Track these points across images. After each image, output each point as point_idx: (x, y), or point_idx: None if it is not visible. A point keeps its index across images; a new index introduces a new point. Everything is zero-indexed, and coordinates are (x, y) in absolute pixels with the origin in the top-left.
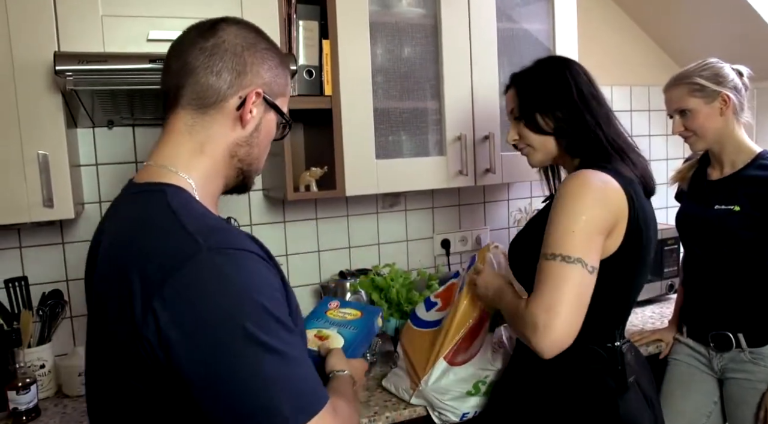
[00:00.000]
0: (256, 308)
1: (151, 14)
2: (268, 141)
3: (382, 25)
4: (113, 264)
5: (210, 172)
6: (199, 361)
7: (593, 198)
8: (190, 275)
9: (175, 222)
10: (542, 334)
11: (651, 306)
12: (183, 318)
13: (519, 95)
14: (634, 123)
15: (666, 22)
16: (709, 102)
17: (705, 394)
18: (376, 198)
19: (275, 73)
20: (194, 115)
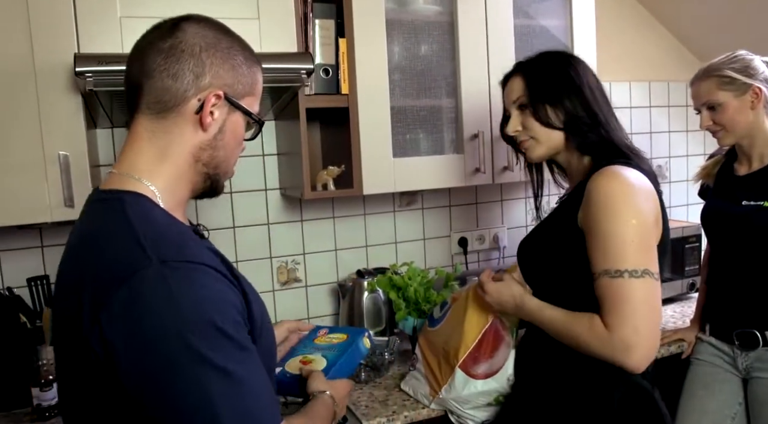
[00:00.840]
0: (203, 324)
1: (168, 15)
2: (236, 142)
3: (398, 23)
4: (67, 276)
5: (174, 179)
6: (142, 376)
7: (636, 197)
8: (136, 288)
9: (128, 233)
10: (637, 354)
11: (672, 305)
12: (127, 332)
13: (528, 84)
14: (653, 119)
15: (686, 16)
16: (740, 95)
17: (729, 394)
18: (393, 196)
19: (239, 72)
20: (153, 119)
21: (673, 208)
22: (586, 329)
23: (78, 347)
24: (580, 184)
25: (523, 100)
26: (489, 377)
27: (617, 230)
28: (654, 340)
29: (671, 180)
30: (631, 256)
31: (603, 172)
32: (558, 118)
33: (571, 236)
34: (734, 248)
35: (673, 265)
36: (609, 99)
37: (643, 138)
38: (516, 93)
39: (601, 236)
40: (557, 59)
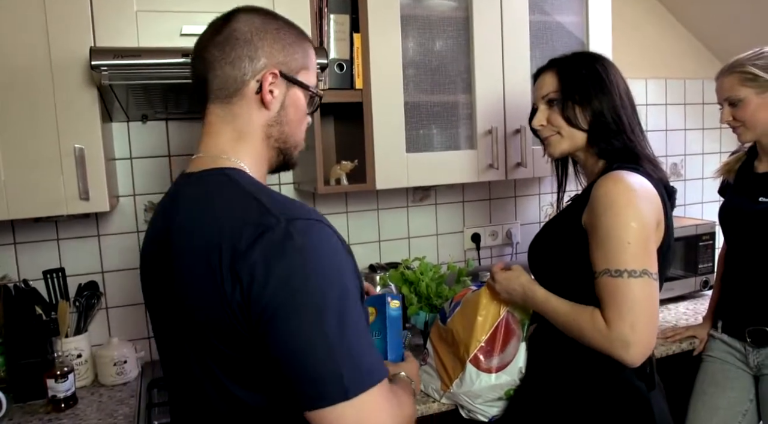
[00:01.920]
0: (335, 276)
1: (184, 9)
2: (300, 116)
3: (413, 18)
4: (193, 243)
5: (255, 156)
6: (279, 323)
7: (637, 201)
8: (272, 243)
9: (248, 197)
10: (634, 350)
11: (684, 303)
12: (266, 281)
13: (561, 82)
14: (669, 117)
15: (704, 13)
16: (761, 92)
17: (740, 391)
18: (407, 192)
19: (290, 50)
20: (222, 106)
21: (687, 206)
22: (587, 323)
23: (211, 305)
24: (590, 185)
25: (553, 97)
26: (500, 370)
27: (617, 231)
28: (650, 337)
29: (686, 178)
30: (630, 257)
31: (608, 176)
32: (585, 119)
33: (576, 235)
34: (750, 246)
35: (686, 262)
36: (635, 106)
37: (658, 136)
38: (547, 88)
39: (603, 236)
40: (592, 61)
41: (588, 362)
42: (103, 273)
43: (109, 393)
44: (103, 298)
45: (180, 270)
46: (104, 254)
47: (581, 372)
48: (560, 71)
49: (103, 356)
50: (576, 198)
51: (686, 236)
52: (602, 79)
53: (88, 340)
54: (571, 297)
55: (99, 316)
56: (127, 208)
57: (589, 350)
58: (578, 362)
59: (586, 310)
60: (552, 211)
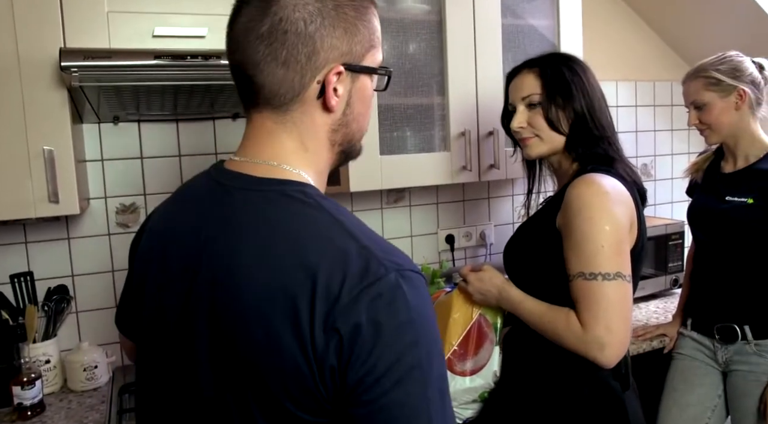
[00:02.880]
0: (437, 338)
1: (156, 11)
2: (367, 105)
3: (387, 21)
4: (266, 277)
5: (320, 167)
6: (382, 392)
7: (610, 204)
8: (381, 298)
9: (343, 233)
10: (609, 351)
11: (655, 301)
12: (374, 342)
13: (545, 83)
14: (639, 118)
15: (672, 18)
16: (725, 96)
17: (709, 387)
18: (381, 194)
19: (353, 32)
20: (277, 113)
21: (657, 206)
22: (563, 324)
23: (291, 352)
24: (564, 188)
25: (535, 99)
26: (474, 373)
27: (591, 235)
28: (625, 338)
29: (656, 178)
30: (604, 260)
31: (582, 179)
32: (566, 123)
33: (550, 237)
34: (717, 244)
35: (656, 261)
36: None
37: (629, 137)
38: (528, 90)
39: (576, 239)
40: (572, 64)
41: (563, 364)
42: (74, 277)
43: (78, 399)
44: (73, 302)
45: (242, 311)
46: (74, 258)
47: (556, 373)
48: (542, 72)
49: (73, 362)
50: (550, 200)
51: (656, 236)
52: (583, 82)
53: (57, 345)
54: (546, 299)
55: (69, 320)
56: (98, 211)
57: (564, 351)
58: (553, 363)
59: (562, 312)
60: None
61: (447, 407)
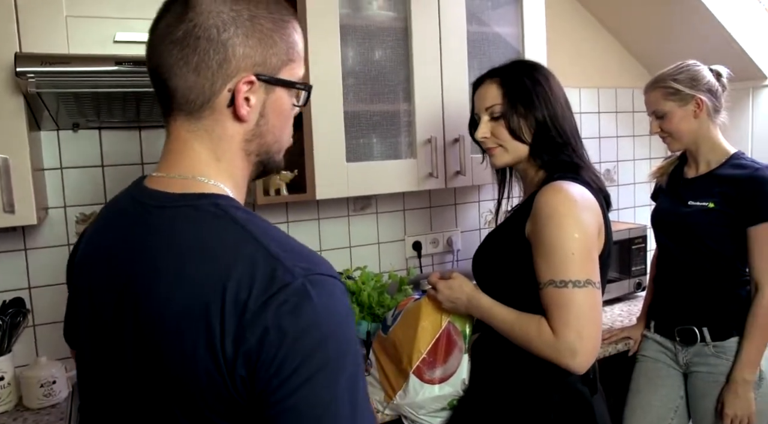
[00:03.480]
0: (351, 341)
1: (117, 15)
2: (284, 119)
3: (352, 27)
4: (182, 291)
5: (236, 177)
6: (290, 392)
7: (579, 212)
8: (288, 303)
9: (253, 243)
10: (580, 358)
11: (619, 304)
12: (279, 345)
13: (506, 94)
14: (602, 125)
15: (633, 27)
16: (683, 105)
17: (672, 389)
18: (347, 201)
19: (269, 43)
20: (190, 121)
21: (620, 211)
22: (534, 332)
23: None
24: (531, 196)
25: (497, 109)
26: (443, 381)
27: (561, 242)
28: (596, 344)
29: (619, 183)
30: (574, 267)
31: (550, 187)
32: (529, 131)
33: (519, 246)
34: (679, 247)
35: (620, 265)
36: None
37: (592, 143)
38: (491, 100)
39: (547, 248)
40: (533, 70)
41: (531, 370)
42: (30, 289)
43: (34, 417)
44: (30, 315)
45: (162, 327)
46: (32, 269)
47: (525, 380)
48: (503, 82)
49: (29, 378)
50: (518, 208)
51: (620, 240)
52: (545, 91)
53: (11, 361)
54: (516, 306)
55: (25, 334)
56: (57, 221)
57: (532, 357)
58: (521, 370)
59: (533, 319)
60: (491, 217)
61: (359, 404)
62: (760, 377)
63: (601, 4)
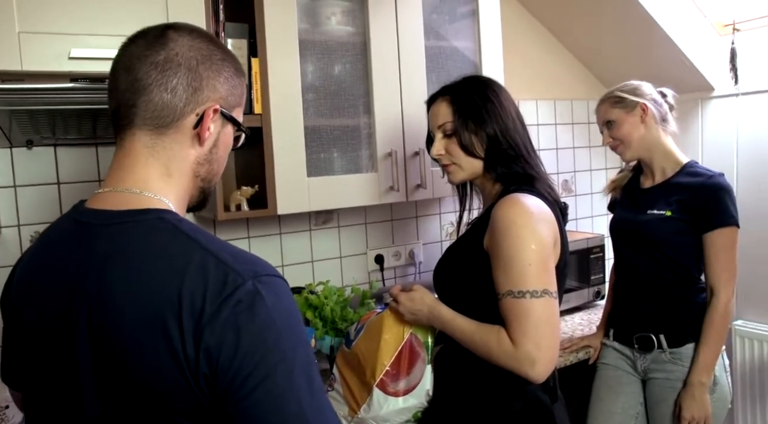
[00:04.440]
0: (302, 333)
1: (72, 32)
2: (226, 154)
3: (311, 43)
4: (137, 306)
5: (181, 195)
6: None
7: (535, 223)
8: (241, 304)
9: (200, 251)
10: (539, 367)
11: (579, 313)
12: (237, 346)
13: (456, 112)
14: (559, 136)
15: (588, 42)
16: (630, 111)
17: (631, 395)
18: (309, 215)
19: (231, 84)
20: (152, 135)
21: (579, 220)
22: (494, 342)
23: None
24: (489, 209)
25: (449, 127)
26: (407, 393)
27: (518, 254)
28: (554, 353)
29: (577, 193)
30: (531, 278)
31: (506, 200)
32: (481, 146)
33: (478, 258)
34: (636, 256)
35: (579, 274)
36: (525, 126)
37: (550, 154)
38: (442, 118)
39: (504, 259)
40: (483, 86)
41: (493, 380)
42: None
43: None
44: None
45: (120, 340)
46: None
47: (487, 390)
48: (454, 100)
49: None
50: (476, 222)
51: (578, 250)
52: (494, 106)
53: None
54: (476, 317)
55: None
56: (11, 240)
57: (493, 367)
58: (483, 379)
59: (493, 329)
60: (453, 229)
61: (316, 392)
62: (714, 382)
63: (557, 20)
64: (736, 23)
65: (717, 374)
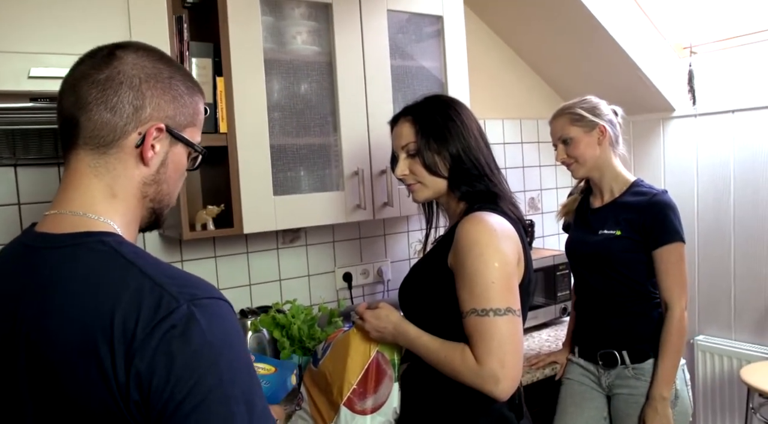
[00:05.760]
0: (243, 358)
1: (32, 50)
2: (179, 175)
3: (277, 62)
4: (71, 332)
5: (127, 217)
6: (184, 417)
7: (498, 241)
8: (174, 329)
9: (135, 272)
10: (503, 385)
11: (546, 329)
12: (169, 372)
13: (418, 132)
14: (525, 154)
15: (552, 62)
16: (588, 131)
17: (596, 410)
18: (276, 234)
19: (180, 103)
20: (94, 155)
21: (545, 238)
22: (458, 360)
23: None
24: (453, 227)
25: (412, 147)
26: (375, 411)
27: (481, 271)
28: (518, 371)
29: (543, 211)
30: (495, 296)
31: (469, 218)
32: (445, 166)
33: (442, 276)
34: (593, 275)
35: (545, 291)
36: (489, 144)
37: (516, 172)
38: (405, 138)
39: (468, 277)
40: (445, 106)
41: (459, 397)
42: None
43: None
44: None
45: (54, 364)
46: None
47: (453, 407)
48: (416, 120)
49: None
50: (441, 239)
51: (545, 267)
52: (457, 125)
53: None
54: (441, 335)
55: None
56: None
57: (459, 385)
58: (449, 397)
59: (457, 347)
60: (420, 247)
61: (256, 416)
62: (675, 395)
63: (521, 40)
64: (693, 46)
65: (678, 387)
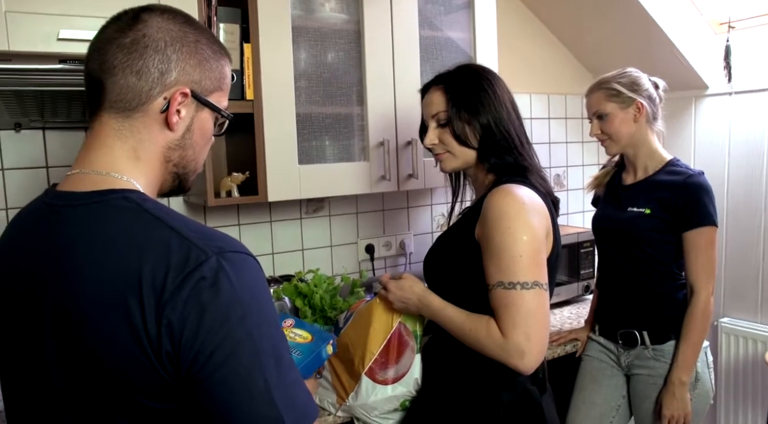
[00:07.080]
0: (270, 311)
1: (62, 12)
2: (205, 140)
3: (304, 29)
4: (100, 286)
5: (150, 179)
6: (216, 367)
7: (527, 214)
8: (204, 281)
9: (162, 226)
10: (528, 358)
11: (568, 307)
12: (200, 323)
13: (450, 101)
14: (552, 130)
15: (583, 37)
16: (624, 108)
17: (614, 388)
18: (300, 203)
19: (206, 67)
20: (119, 119)
21: (570, 215)
22: (483, 332)
23: (130, 355)
24: (481, 199)
25: (443, 117)
26: (396, 381)
27: (510, 244)
28: (543, 345)
29: (569, 188)
30: (522, 269)
31: (498, 190)
32: (475, 137)
33: (469, 248)
34: (619, 253)
35: (569, 269)
36: (521, 117)
37: (542, 148)
38: (436, 107)
39: (495, 250)
40: (478, 76)
41: (482, 370)
42: None
43: None
44: None
45: (81, 319)
46: None
47: (475, 380)
48: (447, 89)
49: None
50: (468, 211)
51: (569, 244)
52: (489, 95)
53: None
54: (466, 307)
55: None
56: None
57: (482, 357)
58: (472, 370)
59: (482, 320)
60: (444, 220)
61: (284, 370)
62: (696, 378)
63: (552, 13)
64: (731, 21)
65: (699, 370)
